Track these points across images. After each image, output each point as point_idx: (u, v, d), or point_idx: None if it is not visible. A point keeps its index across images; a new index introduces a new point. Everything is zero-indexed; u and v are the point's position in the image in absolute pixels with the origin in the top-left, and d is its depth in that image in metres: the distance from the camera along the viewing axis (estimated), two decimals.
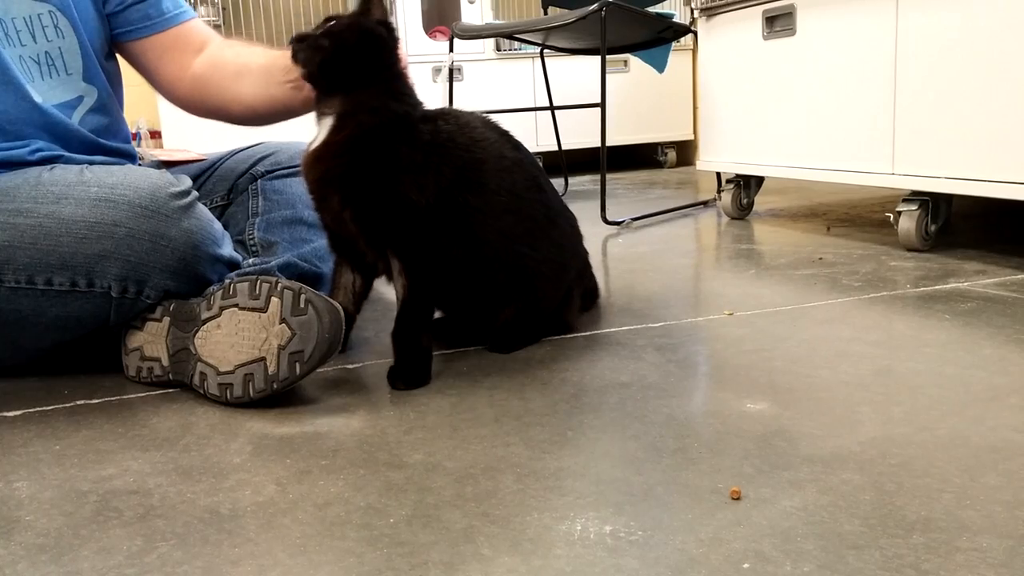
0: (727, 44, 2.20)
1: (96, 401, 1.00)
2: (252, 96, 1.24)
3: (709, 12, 2.23)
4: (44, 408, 0.98)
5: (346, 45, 0.99)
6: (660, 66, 2.84)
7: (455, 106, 2.49)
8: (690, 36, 2.57)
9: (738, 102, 2.17)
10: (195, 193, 1.10)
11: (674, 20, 2.50)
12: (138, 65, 1.30)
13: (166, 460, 0.82)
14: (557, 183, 3.10)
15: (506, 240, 1.06)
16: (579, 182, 3.26)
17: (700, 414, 0.87)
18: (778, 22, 2.01)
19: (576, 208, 1.32)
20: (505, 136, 1.13)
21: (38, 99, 1.13)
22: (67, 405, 0.99)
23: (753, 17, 2.08)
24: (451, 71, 2.42)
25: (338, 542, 0.65)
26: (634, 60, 3.40)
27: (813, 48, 1.90)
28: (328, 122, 1.01)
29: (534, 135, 3.44)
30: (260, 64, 1.24)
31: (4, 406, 1.00)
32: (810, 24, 1.91)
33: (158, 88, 1.32)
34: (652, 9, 2.55)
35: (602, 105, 2.21)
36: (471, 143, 1.06)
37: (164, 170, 1.13)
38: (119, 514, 0.72)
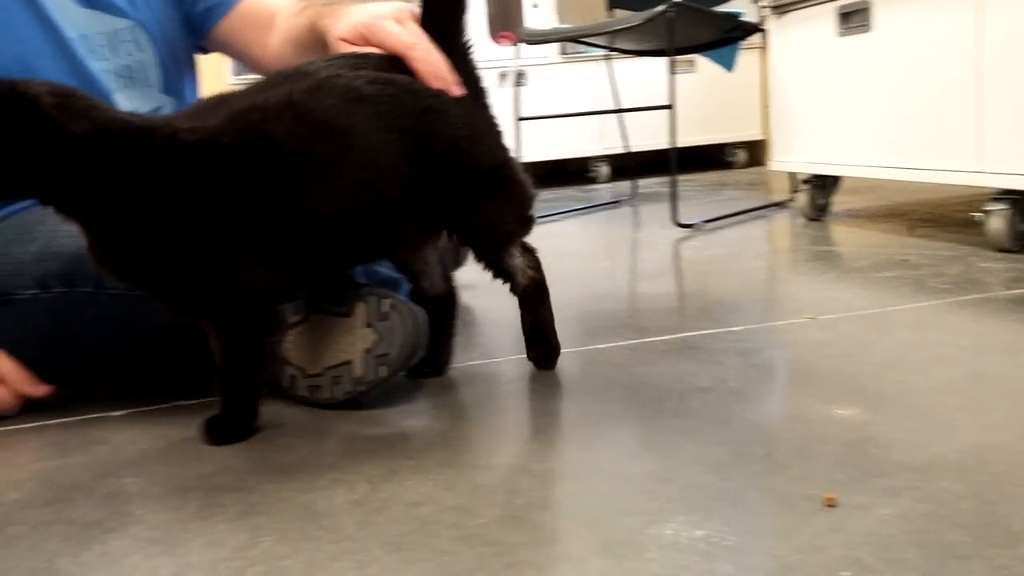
0: (799, 42, 2.17)
1: (193, 402, 1.04)
2: None
3: (780, 10, 2.19)
4: (146, 408, 1.02)
5: None
6: (728, 65, 2.81)
7: (523, 111, 2.52)
8: (758, 34, 2.53)
9: (813, 100, 2.13)
10: None
11: (742, 19, 2.47)
12: (234, 56, 1.35)
13: (262, 459, 0.86)
14: (624, 186, 3.11)
15: None
16: (647, 184, 3.24)
17: (786, 419, 0.86)
18: (853, 18, 1.97)
19: (646, 211, 1.32)
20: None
21: (123, 107, 1.18)
22: (166, 406, 1.04)
23: (826, 14, 2.04)
24: (518, 76, 2.44)
25: (431, 540, 0.66)
26: (701, 60, 3.37)
27: (890, 44, 1.86)
28: None
29: (600, 138, 3.44)
30: (308, 30, 1.16)
31: (110, 406, 1.05)
32: (887, 20, 1.87)
33: (255, 70, 1.33)
34: (719, 8, 2.52)
35: (672, 107, 2.20)
36: None
37: None
38: (223, 509, 0.75)
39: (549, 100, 3.38)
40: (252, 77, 1.07)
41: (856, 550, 0.60)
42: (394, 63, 0.95)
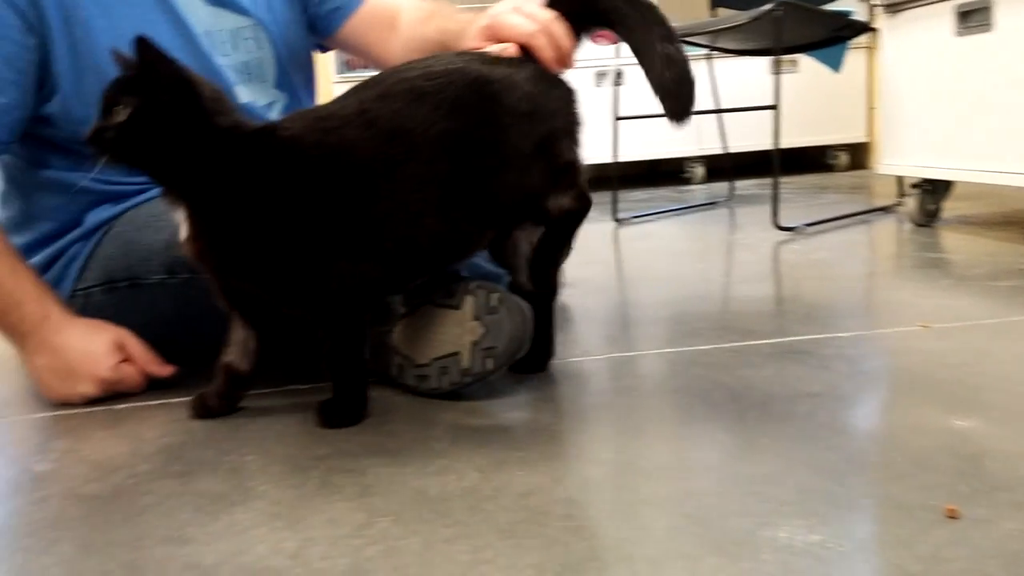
0: (914, 42, 2.09)
1: (305, 387, 1.08)
2: None
3: (894, 8, 2.12)
4: (262, 391, 1.07)
5: None
6: (836, 65, 2.73)
7: (620, 111, 2.51)
8: (866, 34, 2.45)
9: (926, 102, 2.05)
10: None
11: (851, 18, 2.40)
12: (356, 55, 1.40)
13: (374, 443, 0.89)
14: (720, 188, 3.05)
15: None
16: (744, 186, 3.18)
17: (902, 428, 0.84)
18: (972, 17, 1.88)
19: (745, 213, 1.30)
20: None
21: (242, 100, 1.24)
22: (281, 389, 1.08)
23: (943, 13, 1.96)
24: (616, 75, 2.43)
25: (543, 529, 0.68)
26: (804, 59, 3.28)
27: (1012, 44, 1.77)
28: None
29: (696, 139, 3.39)
30: (438, 41, 1.20)
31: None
32: (1009, 19, 1.78)
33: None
34: (827, 7, 2.45)
35: (776, 107, 2.15)
36: None
37: None
38: (340, 490, 0.78)
39: (647, 100, 3.35)
40: (355, 76, 1.10)
41: (982, 563, 0.58)
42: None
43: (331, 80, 3.17)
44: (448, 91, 0.91)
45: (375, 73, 0.97)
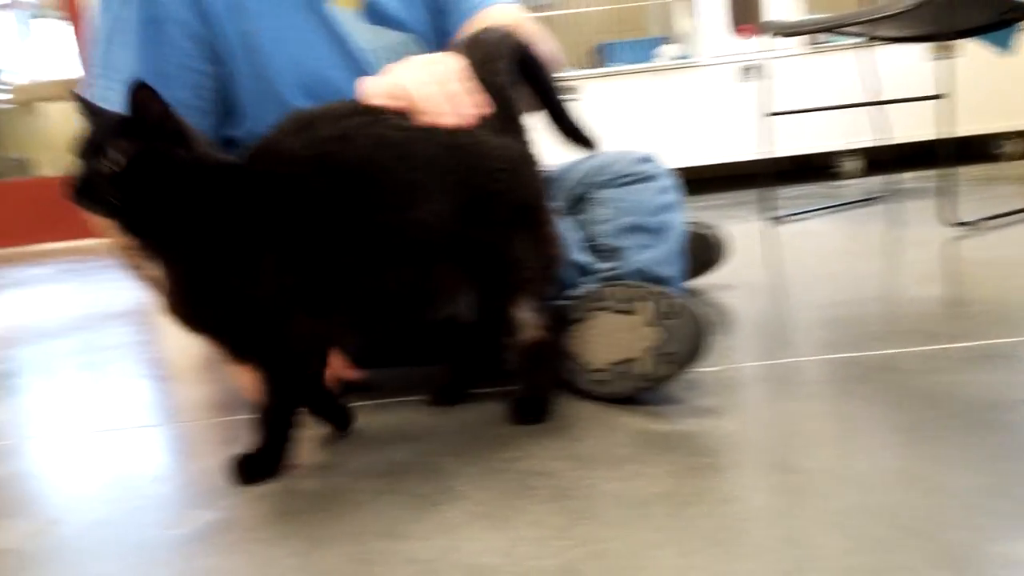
0: None
1: (484, 391, 1.12)
2: None
3: None
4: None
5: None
6: (1005, 48, 2.55)
7: (766, 106, 2.45)
8: None
9: None
10: (556, 202, 1.19)
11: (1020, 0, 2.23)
12: None
13: (560, 447, 0.91)
14: (874, 182, 2.91)
15: None
16: (904, 180, 3.02)
17: None
18: None
19: (908, 208, 1.24)
20: None
21: None
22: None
23: None
24: (759, 69, 2.37)
25: (750, 538, 0.68)
26: (966, 44, 3.08)
27: None
28: None
29: (848, 131, 3.24)
30: None
31: (412, 391, 1.16)
32: None
33: None
34: None
35: (943, 96, 2.04)
36: None
37: None
38: (536, 492, 0.81)
39: (794, 94, 3.24)
40: None
41: None
42: None
43: None
44: (421, 141, 0.91)
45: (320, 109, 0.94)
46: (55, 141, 4.55)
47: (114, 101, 1.09)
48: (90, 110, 0.85)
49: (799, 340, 1.25)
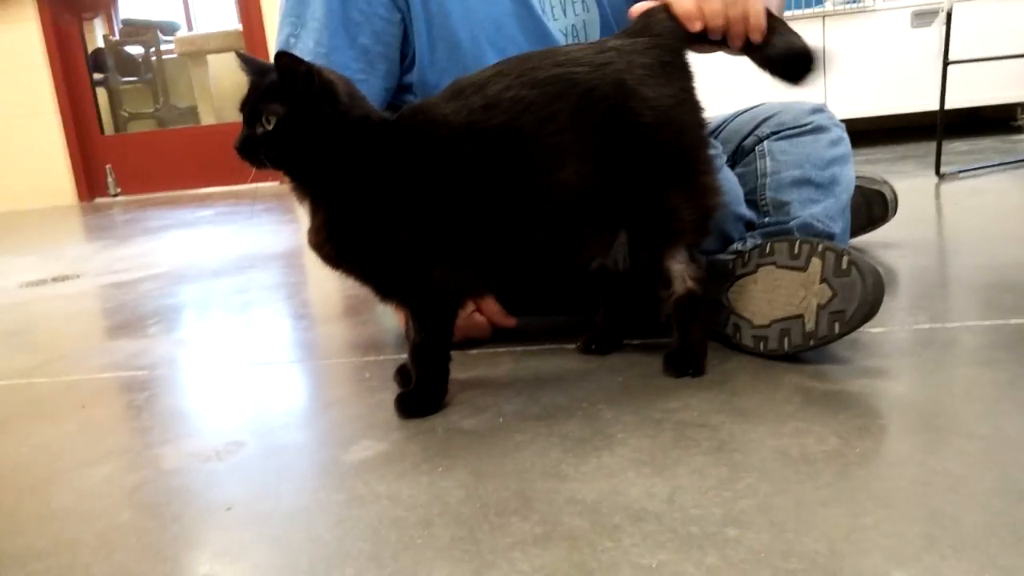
0: None
1: (636, 342, 1.13)
2: None
3: None
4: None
5: None
6: None
7: (943, 55, 2.26)
8: None
9: None
10: (724, 156, 1.16)
11: None
12: None
13: (720, 401, 0.90)
14: None
15: None
16: None
17: None
18: None
19: None
20: None
21: None
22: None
23: None
24: (949, 16, 2.19)
25: (925, 500, 0.65)
26: None
27: None
28: None
29: None
30: None
31: (563, 339, 1.18)
32: None
33: None
34: None
35: None
36: None
37: None
38: (696, 443, 0.81)
39: (977, 42, 2.98)
40: None
41: None
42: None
43: None
44: (558, 102, 0.92)
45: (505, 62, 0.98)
46: (218, 91, 4.84)
47: (303, 49, 1.14)
48: (251, 69, 0.91)
49: (968, 303, 1.18)
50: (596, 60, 0.95)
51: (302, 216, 2.54)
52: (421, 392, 0.97)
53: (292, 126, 0.87)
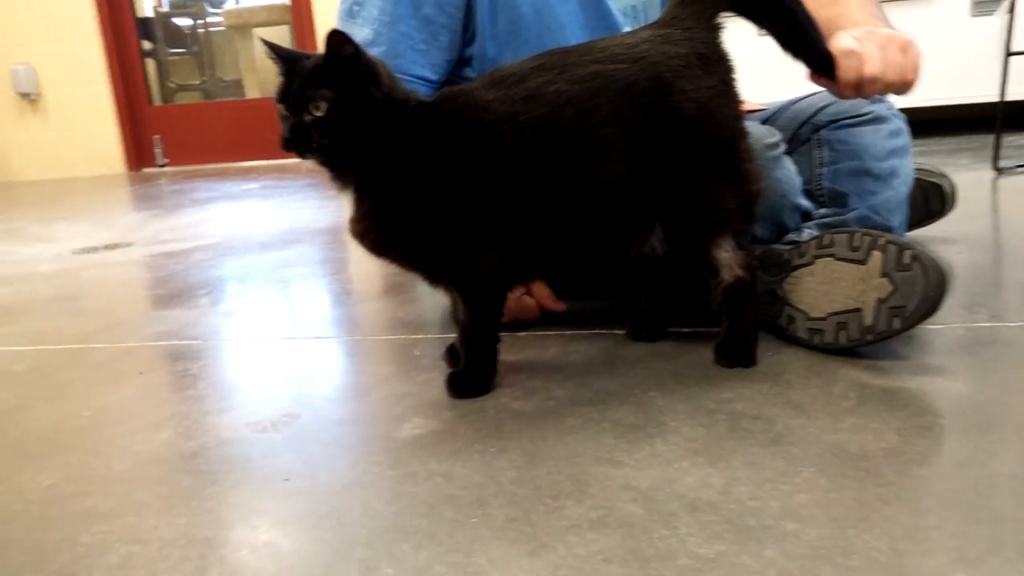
0: None
1: (687, 330, 1.12)
2: None
3: None
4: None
5: None
6: None
7: (1013, 46, 2.20)
8: None
9: None
10: (784, 145, 1.14)
11: None
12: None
13: (775, 393, 0.90)
14: None
15: None
16: None
17: None
18: None
19: None
20: None
21: None
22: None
23: None
24: (1012, 3, 2.12)
25: (990, 503, 0.65)
26: None
27: None
28: None
29: None
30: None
31: (614, 324, 1.17)
32: None
33: None
34: None
35: None
36: None
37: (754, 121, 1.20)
38: (751, 435, 0.80)
39: None
40: None
41: None
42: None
43: None
44: (599, 97, 0.91)
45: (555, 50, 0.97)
46: (263, 65, 4.87)
47: (367, 17, 1.14)
48: (282, 57, 0.89)
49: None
50: (632, 55, 0.94)
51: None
52: (471, 373, 0.98)
53: (343, 110, 0.86)
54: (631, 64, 0.93)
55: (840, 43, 0.97)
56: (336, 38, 0.85)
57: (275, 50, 0.90)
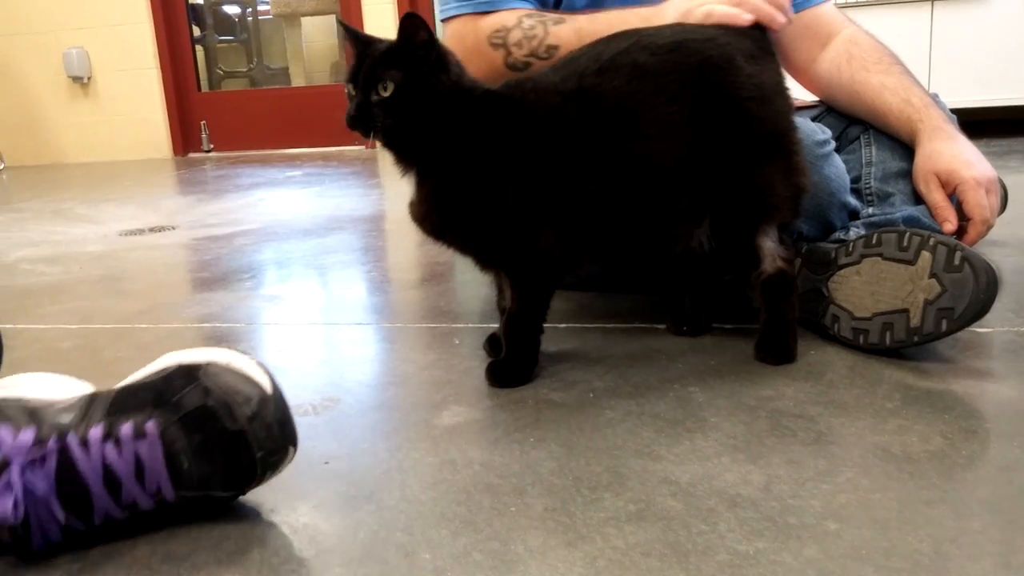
0: None
1: (728, 326, 1.11)
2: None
3: None
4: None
5: None
6: None
7: None
8: None
9: None
10: (833, 142, 1.13)
11: None
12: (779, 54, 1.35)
13: (817, 392, 0.89)
14: None
15: None
16: None
17: None
18: None
19: None
20: None
21: None
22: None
23: None
24: None
25: None
26: None
27: None
28: None
29: None
30: (874, 105, 1.19)
31: (658, 319, 1.17)
32: None
33: (787, 71, 1.32)
34: None
35: None
36: None
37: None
38: (793, 433, 0.80)
39: None
40: None
41: None
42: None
43: None
44: (676, 71, 0.93)
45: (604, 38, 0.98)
46: (309, 53, 4.92)
47: None
48: (356, 40, 0.91)
49: None
50: (705, 34, 0.97)
51: (387, 182, 2.59)
52: (512, 362, 0.98)
53: (410, 92, 0.88)
54: (706, 40, 0.95)
55: (979, 199, 1.07)
56: (411, 22, 0.88)
57: (350, 33, 0.92)
